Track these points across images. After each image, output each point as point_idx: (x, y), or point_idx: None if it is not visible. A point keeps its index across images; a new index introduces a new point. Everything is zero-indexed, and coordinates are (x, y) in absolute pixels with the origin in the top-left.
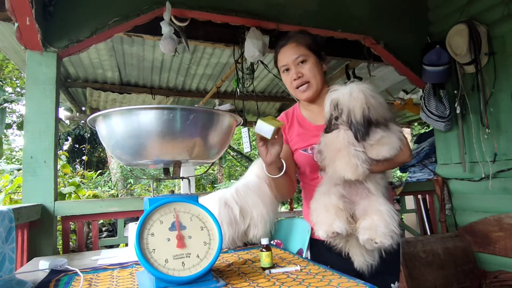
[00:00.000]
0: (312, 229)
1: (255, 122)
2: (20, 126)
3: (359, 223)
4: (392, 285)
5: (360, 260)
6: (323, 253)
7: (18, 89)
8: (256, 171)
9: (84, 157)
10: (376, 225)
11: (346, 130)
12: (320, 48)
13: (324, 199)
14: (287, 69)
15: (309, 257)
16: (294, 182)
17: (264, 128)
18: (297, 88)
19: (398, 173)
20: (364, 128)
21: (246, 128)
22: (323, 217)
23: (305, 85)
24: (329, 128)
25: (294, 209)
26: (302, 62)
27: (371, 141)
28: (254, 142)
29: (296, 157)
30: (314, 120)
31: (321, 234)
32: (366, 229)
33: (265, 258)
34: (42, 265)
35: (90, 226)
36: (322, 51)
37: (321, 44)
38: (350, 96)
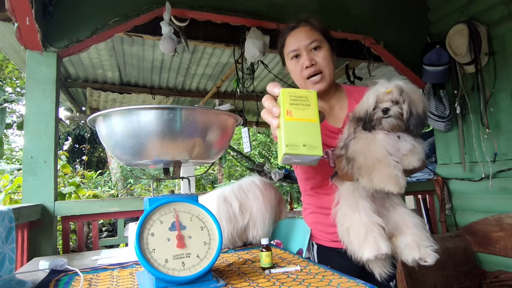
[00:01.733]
0: (312, 231)
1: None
2: (20, 126)
3: (396, 239)
4: (391, 283)
5: (381, 271)
6: (330, 257)
7: (18, 89)
8: None
9: (84, 157)
10: (420, 243)
11: (385, 134)
12: (332, 36)
13: (360, 215)
14: (297, 56)
15: (309, 257)
16: None
17: (305, 160)
18: (308, 78)
19: None
20: (423, 123)
21: (246, 128)
22: (364, 236)
23: (318, 75)
24: (364, 123)
25: (294, 209)
26: (316, 48)
27: (404, 151)
28: (254, 142)
29: None
30: (327, 119)
31: (367, 255)
32: (412, 248)
33: (265, 258)
34: (42, 265)
35: (90, 226)
36: (334, 41)
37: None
38: (409, 87)
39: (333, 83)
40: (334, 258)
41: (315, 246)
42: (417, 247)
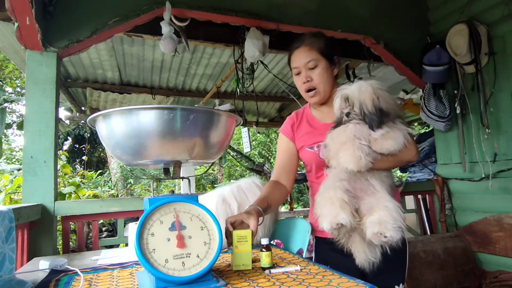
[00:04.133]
0: (312, 227)
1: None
2: (20, 126)
3: (365, 218)
4: (396, 287)
5: (362, 257)
6: (327, 252)
7: (18, 89)
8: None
9: (84, 157)
10: (385, 220)
11: (355, 124)
12: (332, 52)
13: (329, 192)
14: (298, 73)
15: (313, 257)
16: (289, 186)
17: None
18: (307, 92)
19: (398, 173)
20: (377, 117)
21: (246, 128)
22: (327, 209)
23: (313, 91)
24: (339, 125)
25: (294, 209)
26: (312, 66)
27: (376, 135)
28: (254, 142)
29: (303, 155)
30: (323, 119)
31: (325, 225)
32: (374, 223)
33: (265, 258)
34: (42, 265)
35: (90, 226)
36: (336, 55)
37: (334, 47)
38: (359, 89)
39: (336, 89)
40: (328, 251)
41: (314, 240)
42: (379, 223)
